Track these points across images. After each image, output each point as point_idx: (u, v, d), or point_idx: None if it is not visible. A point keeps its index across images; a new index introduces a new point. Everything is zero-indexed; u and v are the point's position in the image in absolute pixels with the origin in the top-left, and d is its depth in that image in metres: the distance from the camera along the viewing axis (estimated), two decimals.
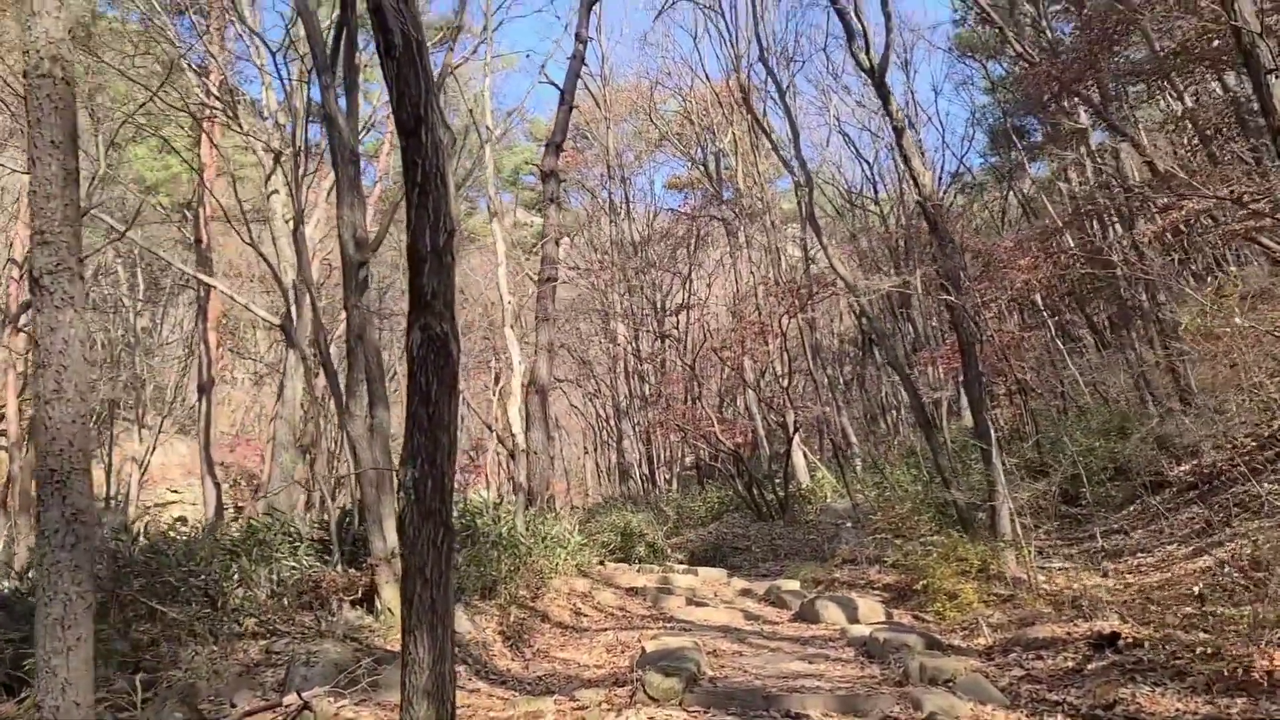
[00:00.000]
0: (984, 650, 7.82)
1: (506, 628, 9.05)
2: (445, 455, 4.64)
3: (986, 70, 30.16)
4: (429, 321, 4.55)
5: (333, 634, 7.81)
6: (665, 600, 11.24)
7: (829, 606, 9.86)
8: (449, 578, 4.72)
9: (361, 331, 8.58)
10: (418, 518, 4.61)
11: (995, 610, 10.16)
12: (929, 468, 19.25)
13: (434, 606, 4.63)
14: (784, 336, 18.73)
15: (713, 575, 13.31)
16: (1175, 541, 12.44)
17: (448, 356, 4.60)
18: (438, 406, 4.59)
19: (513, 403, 12.09)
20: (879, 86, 12.76)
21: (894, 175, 30.36)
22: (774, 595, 11.44)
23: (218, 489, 17.87)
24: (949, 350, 18.45)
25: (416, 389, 4.59)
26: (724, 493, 21.04)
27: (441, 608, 4.67)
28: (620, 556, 15.01)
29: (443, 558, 4.66)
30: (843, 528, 15.90)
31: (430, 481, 4.59)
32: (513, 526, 10.51)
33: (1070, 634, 7.52)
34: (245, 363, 36.24)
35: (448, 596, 4.71)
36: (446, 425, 4.64)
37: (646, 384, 26.75)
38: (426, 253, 4.56)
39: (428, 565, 4.62)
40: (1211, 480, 13.71)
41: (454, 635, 4.88)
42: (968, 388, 12.41)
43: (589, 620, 10.26)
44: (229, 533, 10.10)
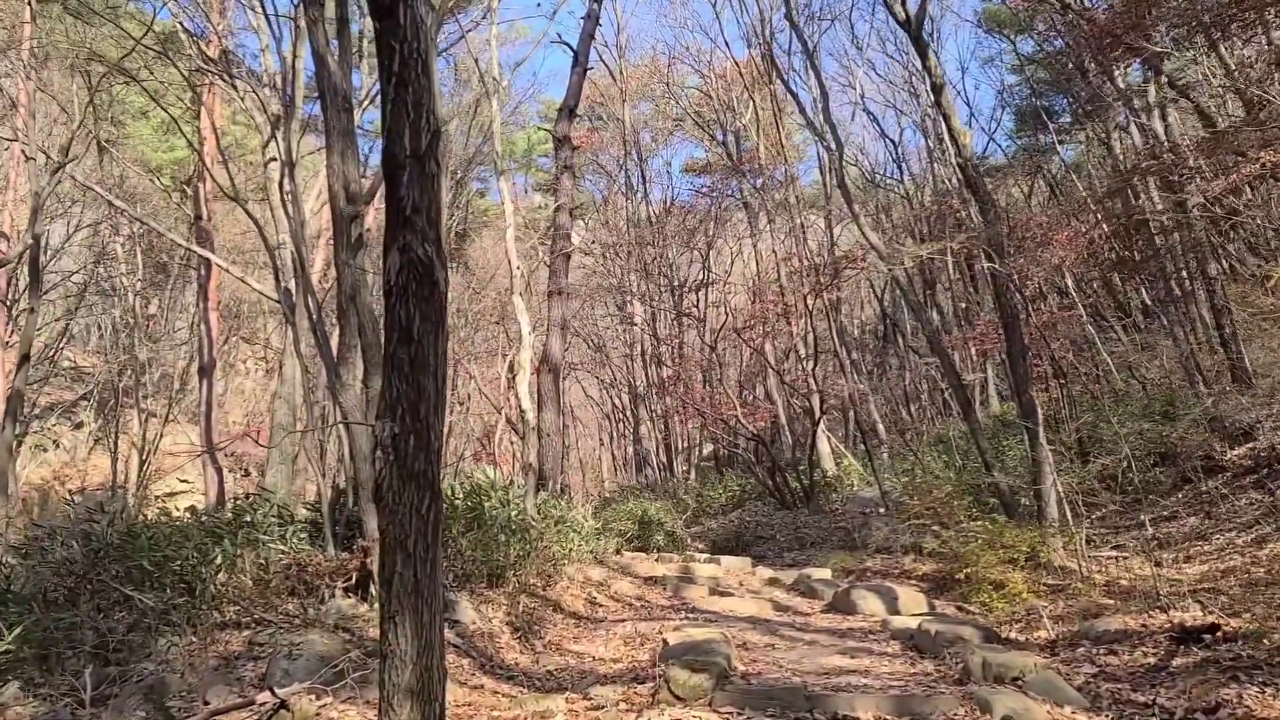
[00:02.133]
0: (1046, 644, 6.99)
1: (515, 618, 8.31)
2: (431, 406, 3.85)
3: (1015, 47, 29.17)
4: (409, 241, 3.75)
5: (321, 623, 7.07)
6: (687, 590, 10.46)
7: (866, 596, 9.04)
8: (436, 553, 3.94)
9: (355, 293, 7.81)
10: (398, 481, 3.83)
11: (1047, 601, 9.34)
12: (961, 454, 18.43)
13: (418, 587, 3.85)
14: (810, 315, 17.87)
15: (736, 564, 12.52)
16: (1235, 529, 11.56)
17: (432, 285, 3.81)
18: (421, 346, 3.80)
19: (522, 378, 11.32)
20: (916, 40, 11.90)
21: (920, 155, 29.53)
22: (804, 585, 10.63)
23: (220, 474, 17.20)
24: (984, 328, 17.55)
25: (395, 325, 3.80)
26: (745, 480, 20.24)
27: (428, 589, 3.89)
28: (638, 545, 14.30)
29: (429, 529, 3.88)
30: (872, 516, 15.06)
31: (413, 438, 3.81)
32: (523, 510, 9.73)
33: (1146, 626, 6.68)
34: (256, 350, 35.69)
35: (435, 575, 3.93)
36: (433, 369, 3.85)
37: (664, 368, 25.92)
38: (405, 158, 3.76)
39: (410, 538, 3.84)
40: (1271, 464, 12.82)
41: (444, 623, 4.09)
42: (1012, 363, 11.54)
43: (605, 610, 9.49)
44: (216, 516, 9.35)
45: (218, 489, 16.68)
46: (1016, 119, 33.31)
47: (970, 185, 11.77)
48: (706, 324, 24.82)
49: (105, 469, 25.79)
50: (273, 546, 8.08)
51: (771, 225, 22.43)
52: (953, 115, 11.83)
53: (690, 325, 27.26)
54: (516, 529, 9.30)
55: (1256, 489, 12.38)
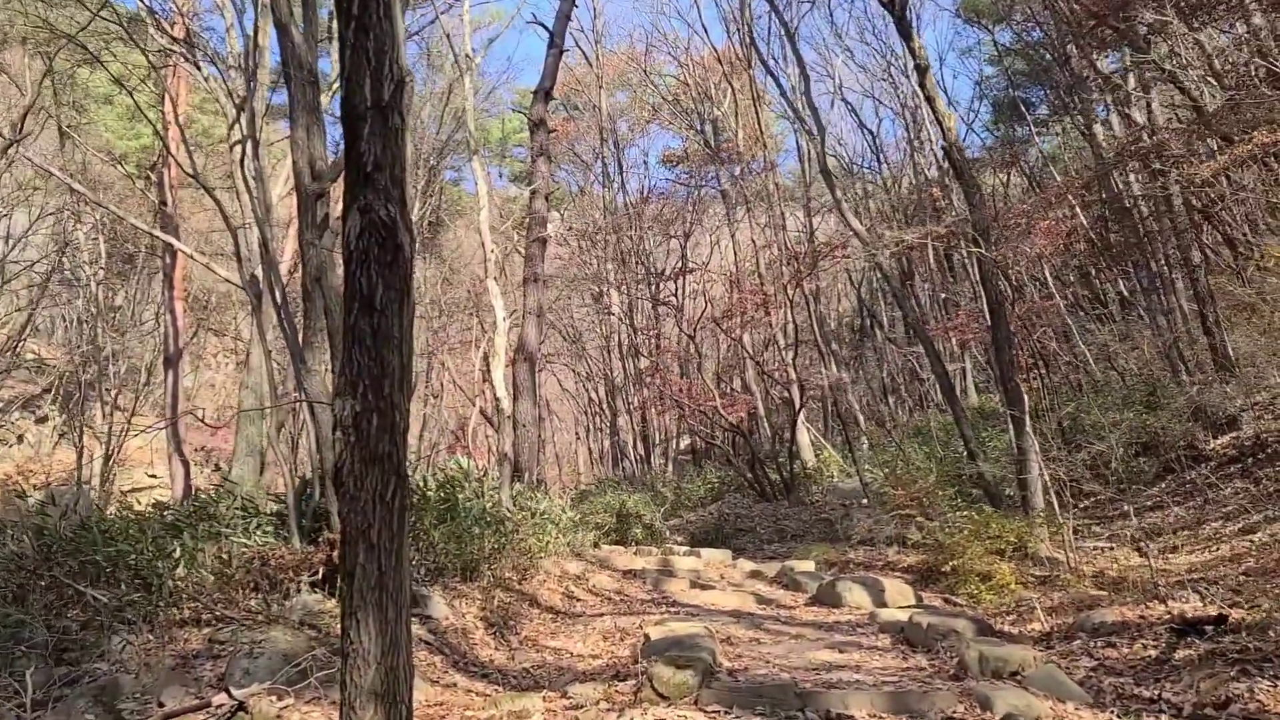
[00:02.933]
0: (1040, 637, 6.75)
1: (490, 613, 7.99)
2: (396, 383, 3.53)
3: (994, 37, 29.05)
4: (370, 201, 3.43)
5: (285, 620, 6.72)
6: (667, 583, 10.18)
7: (852, 589, 8.79)
8: (402, 544, 3.62)
9: (320, 274, 7.46)
10: (359, 464, 3.51)
11: (1035, 592, 9.13)
12: (941, 445, 18.27)
13: (382, 581, 3.54)
14: (791, 305, 17.62)
15: (716, 557, 12.26)
16: (1221, 518, 11.43)
17: (396, 249, 3.49)
18: (384, 317, 3.48)
19: (498, 365, 10.97)
20: (899, 21, 11.66)
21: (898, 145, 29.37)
22: (786, 577, 10.37)
23: (186, 467, 16.75)
24: (965, 317, 17.37)
25: (355, 293, 3.47)
26: (724, 473, 19.99)
27: (393, 583, 3.58)
28: (615, 538, 14.03)
29: (394, 517, 3.57)
30: (853, 507, 14.84)
31: (376, 417, 3.49)
32: (498, 501, 9.41)
33: (1144, 618, 6.45)
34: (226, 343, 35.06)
35: (400, 568, 3.61)
36: (397, 343, 3.53)
37: (642, 358, 25.59)
38: (365, 109, 3.44)
39: (373, 527, 3.52)
40: (1256, 452, 12.71)
41: (410, 619, 3.78)
42: (997, 350, 11.33)
43: (583, 605, 9.18)
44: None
45: (184, 483, 16.23)
46: (994, 110, 33.24)
47: (955, 169, 11.55)
48: (684, 314, 24.51)
49: (70, 464, 25.16)
50: (236, 540, 7.72)
51: (750, 214, 22.16)
52: (936, 98, 11.60)
53: (668, 315, 26.96)
54: (491, 521, 8.99)
55: (1242, 478, 12.26)
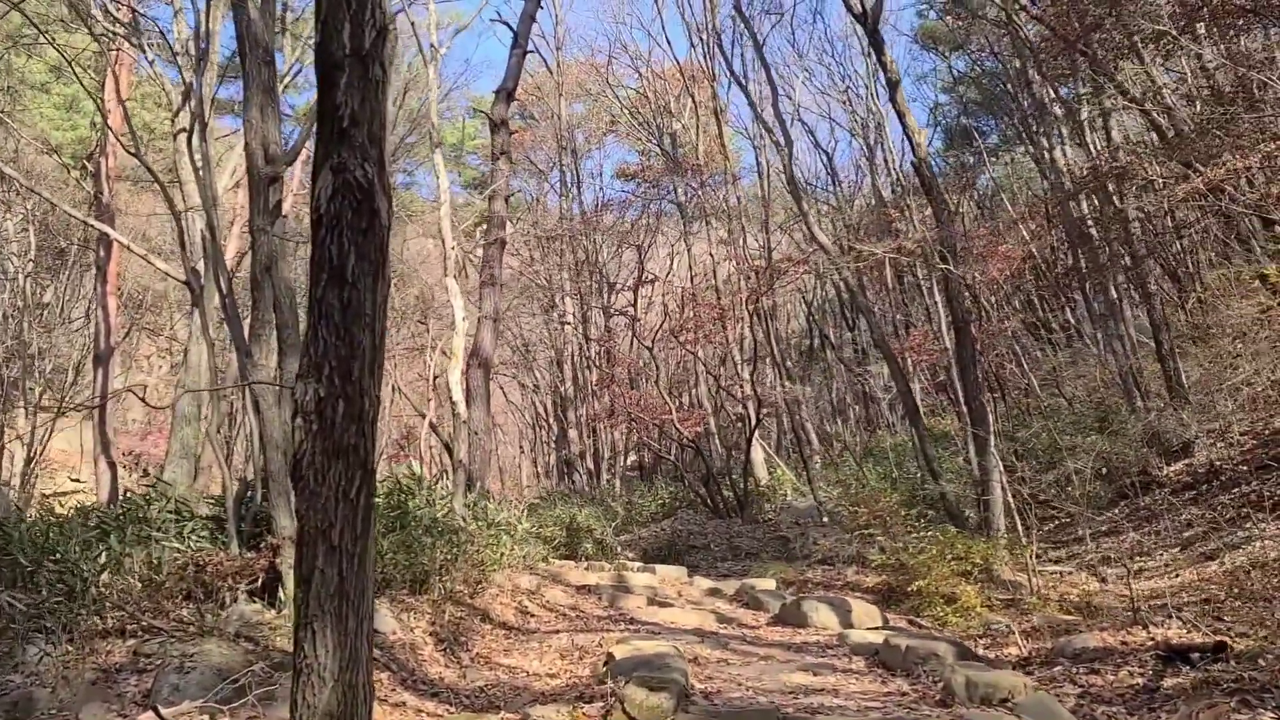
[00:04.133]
0: (1019, 662, 6.50)
1: (440, 627, 7.56)
2: (366, 365, 3.15)
3: (950, 64, 29.39)
4: (345, 160, 3.05)
5: (220, 631, 6.23)
6: (623, 600, 9.81)
7: (818, 609, 8.49)
8: (368, 546, 3.24)
9: (271, 263, 7.00)
10: (322, 456, 3.12)
11: (1002, 615, 8.94)
12: (894, 465, 18.17)
13: (343, 589, 3.15)
14: (752, 319, 17.42)
15: (672, 574, 11.92)
16: (1178, 544, 11.38)
17: (372, 215, 3.12)
18: (356, 290, 3.10)
19: (454, 366, 10.52)
20: (872, 34, 11.55)
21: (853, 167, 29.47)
22: (747, 595, 10.06)
23: (113, 470, 15.96)
24: (920, 338, 17.31)
25: (325, 262, 3.09)
26: (675, 488, 19.67)
27: (355, 590, 3.19)
28: (565, 553, 13.62)
29: (359, 516, 3.19)
30: (809, 526, 14.61)
31: (342, 403, 3.10)
32: (450, 510, 8.97)
33: (1126, 644, 6.24)
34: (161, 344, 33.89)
35: (365, 574, 3.23)
36: (369, 320, 3.16)
37: (595, 369, 25.19)
38: (343, 57, 3.07)
39: (336, 527, 3.13)
40: (1210, 480, 12.73)
41: (373, 630, 3.39)
42: (961, 369, 11.21)
43: (537, 621, 8.77)
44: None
45: (110, 487, 15.43)
46: (946, 138, 33.60)
47: (924, 185, 11.43)
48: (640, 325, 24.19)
49: None
50: (167, 545, 7.20)
51: (708, 228, 21.97)
52: (907, 113, 11.48)
53: (623, 327, 26.63)
54: (443, 530, 8.55)
55: (1197, 504, 12.25)
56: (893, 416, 27.43)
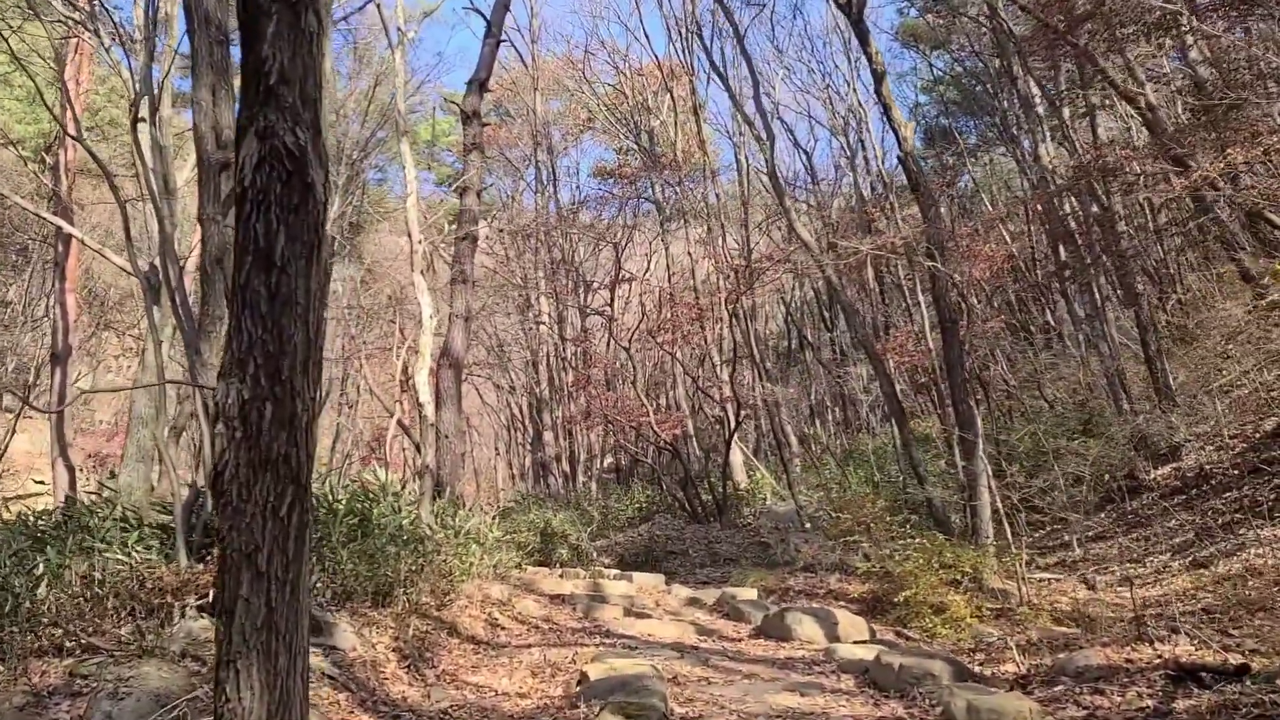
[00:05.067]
0: (1017, 680, 6.13)
1: (404, 643, 7.11)
2: (298, 362, 2.72)
3: (930, 62, 29.18)
4: (272, 124, 2.62)
5: (162, 651, 5.74)
6: (599, 610, 9.38)
7: (802, 621, 8.11)
8: (301, 573, 2.80)
9: (222, 255, 6.54)
10: (246, 468, 2.68)
11: (992, 627, 8.60)
12: (876, 468, 17.85)
13: (272, 621, 2.71)
14: (731, 319, 17.04)
15: (649, 582, 11.50)
16: (1168, 550, 11.10)
17: (305, 189, 2.68)
18: (285, 276, 2.67)
19: (422, 366, 10.07)
20: (856, 24, 11.21)
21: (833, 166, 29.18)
22: (727, 606, 9.67)
23: (71, 473, 15.35)
24: (902, 338, 16.98)
25: (249, 243, 2.65)
26: (652, 492, 19.27)
27: (287, 623, 2.75)
28: (539, 559, 13.19)
29: (290, 537, 2.75)
30: (790, 531, 14.25)
31: (270, 405, 2.67)
32: (416, 517, 8.52)
33: (1131, 662, 5.88)
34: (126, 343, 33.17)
35: (297, 602, 2.80)
36: (302, 311, 2.72)
37: (572, 370, 24.72)
38: (270, 2, 2.64)
39: (263, 550, 2.70)
40: (1200, 484, 12.47)
41: (307, 667, 2.94)
42: (949, 370, 10.86)
43: (508, 634, 8.33)
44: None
45: (68, 488, 14.83)
46: (926, 138, 33.41)
47: (910, 179, 11.09)
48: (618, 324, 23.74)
49: None
50: (110, 556, 6.71)
51: (686, 226, 21.59)
52: (893, 106, 11.14)
53: (600, 327, 26.19)
54: (409, 539, 8.10)
55: (1186, 509, 11.99)
56: (872, 419, 27.16)
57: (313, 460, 2.81)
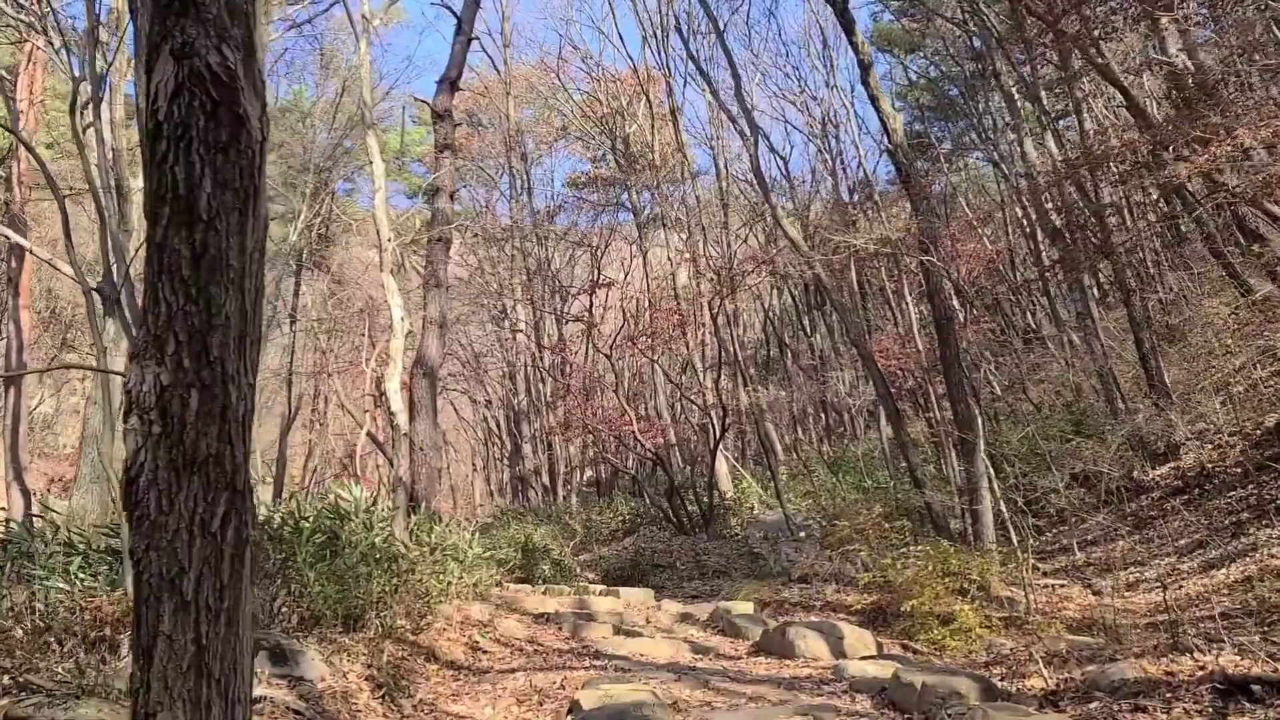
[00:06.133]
0: (1047, 697, 5.65)
1: (378, 670, 6.55)
2: (232, 341, 2.19)
3: (905, 66, 28.97)
4: (192, 40, 2.11)
5: (104, 689, 5.17)
6: (586, 629, 8.84)
7: (805, 636, 7.61)
8: (240, 599, 2.27)
9: None
10: (168, 472, 2.15)
11: (1005, 638, 8.14)
12: (868, 474, 17.44)
13: (202, 661, 2.18)
14: (715, 323, 16.57)
15: (637, 597, 10.98)
16: (1174, 552, 10.70)
17: (237, 123, 2.17)
18: (213, 232, 2.15)
19: (393, 372, 9.51)
20: (841, 15, 10.84)
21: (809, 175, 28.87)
22: (722, 621, 9.15)
23: (26, 498, 14.67)
24: (887, 342, 16.57)
25: (166, 191, 2.14)
26: (636, 504, 18.74)
27: (223, 662, 2.22)
28: (521, 576, 12.64)
29: (225, 557, 2.22)
30: (781, 541, 13.76)
31: (196, 394, 2.14)
32: (390, 534, 7.96)
33: (1172, 674, 5.42)
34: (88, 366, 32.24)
35: (237, 637, 2.26)
36: (236, 276, 2.20)
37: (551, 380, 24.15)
38: None
39: (190, 573, 2.17)
40: (1201, 483, 12.10)
41: (250, 716, 2.41)
42: (946, 370, 10.44)
43: (490, 658, 7.78)
44: None
45: (23, 513, 14.13)
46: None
47: (900, 172, 10.70)
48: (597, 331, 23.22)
49: None
50: (52, 585, 6.13)
51: (666, 230, 21.16)
52: (881, 96, 10.74)
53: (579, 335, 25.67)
54: (382, 558, 7.55)
55: (1190, 509, 11.61)
56: (856, 425, 26.81)
57: (249, 461, 2.29)
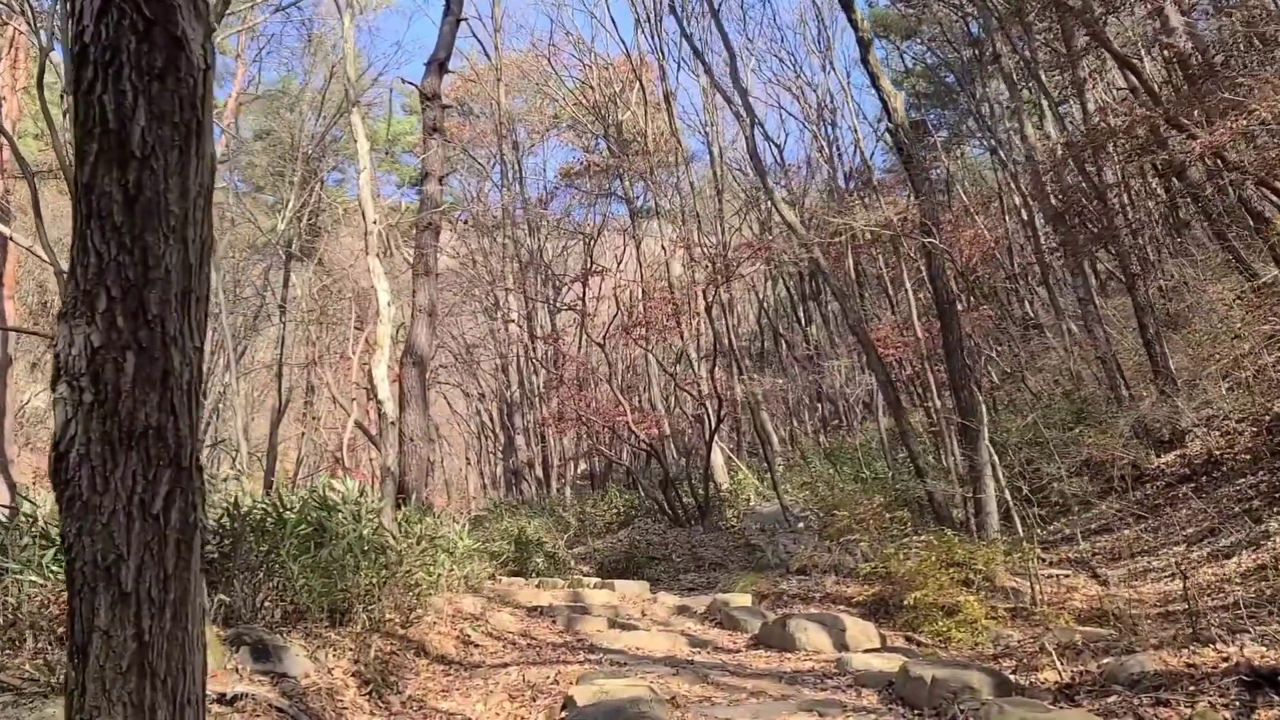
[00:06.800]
0: (1061, 690, 5.42)
1: (365, 666, 6.31)
2: (172, 297, 1.93)
3: (901, 53, 28.74)
4: None
5: None
6: (581, 622, 8.61)
7: (806, 629, 7.37)
8: (189, 591, 2.00)
9: None
10: (102, 444, 1.88)
11: (1011, 629, 7.92)
12: (866, 465, 17.23)
13: (145, 661, 1.91)
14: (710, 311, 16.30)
15: (633, 590, 10.76)
16: (1183, 541, 10.49)
17: (174, 45, 1.90)
18: (149, 171, 1.88)
19: (380, 359, 9.23)
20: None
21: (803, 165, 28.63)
22: (720, 614, 8.92)
23: (12, 491, 14.34)
24: (885, 331, 16.33)
25: (93, 124, 1.87)
26: (630, 496, 18.51)
27: (169, 663, 1.95)
28: (514, 569, 12.41)
29: (170, 543, 1.95)
30: (779, 533, 13.53)
31: (133, 356, 1.88)
32: (378, 525, 7.71)
33: (1194, 666, 5.19)
34: None
35: (184, 633, 1.99)
36: (178, 223, 1.94)
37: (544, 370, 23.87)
38: None
39: (130, 561, 1.90)
40: (1209, 471, 11.88)
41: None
42: (948, 355, 10.20)
43: (482, 652, 7.54)
44: None
45: (9, 505, 13.86)
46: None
47: (901, 153, 10.44)
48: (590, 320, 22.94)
49: None
50: (24, 579, 5.86)
51: (660, 219, 20.88)
52: (881, 75, 10.48)
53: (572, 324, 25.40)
54: (370, 549, 7.29)
55: (1198, 497, 11.39)
56: (851, 417, 26.60)
57: (197, 433, 2.03)
